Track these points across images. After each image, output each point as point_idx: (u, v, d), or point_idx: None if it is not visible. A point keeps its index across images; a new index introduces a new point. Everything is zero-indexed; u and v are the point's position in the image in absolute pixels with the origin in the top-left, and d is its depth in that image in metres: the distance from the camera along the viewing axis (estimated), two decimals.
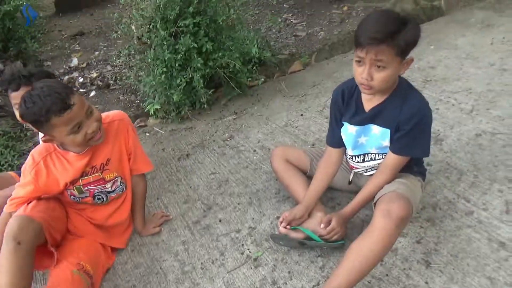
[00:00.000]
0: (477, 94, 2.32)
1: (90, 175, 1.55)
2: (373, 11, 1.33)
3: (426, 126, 1.40)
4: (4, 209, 1.49)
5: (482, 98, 2.28)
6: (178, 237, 1.72)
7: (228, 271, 1.51)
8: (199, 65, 2.43)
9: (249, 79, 2.71)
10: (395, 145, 1.42)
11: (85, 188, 1.56)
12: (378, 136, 1.45)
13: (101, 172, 1.57)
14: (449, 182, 1.75)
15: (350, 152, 1.57)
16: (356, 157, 1.57)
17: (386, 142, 1.45)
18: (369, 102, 1.45)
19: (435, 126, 2.11)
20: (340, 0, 4.37)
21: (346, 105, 1.51)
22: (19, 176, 1.73)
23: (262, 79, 2.81)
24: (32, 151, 1.52)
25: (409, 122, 1.36)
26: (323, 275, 1.43)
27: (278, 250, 1.57)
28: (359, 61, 1.30)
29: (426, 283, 1.34)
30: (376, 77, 1.28)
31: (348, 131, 1.52)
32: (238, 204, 1.85)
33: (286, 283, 1.43)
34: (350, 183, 1.68)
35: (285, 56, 3.25)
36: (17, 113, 1.66)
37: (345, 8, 4.16)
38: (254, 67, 2.70)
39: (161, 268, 1.58)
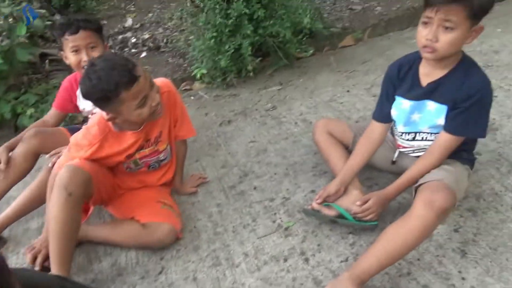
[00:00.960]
0: None
1: (145, 149, 1.58)
2: None
3: (486, 106, 1.32)
4: (53, 169, 1.53)
5: None
6: (213, 200, 1.77)
7: (258, 237, 1.55)
8: (248, 32, 2.41)
9: (298, 50, 2.66)
10: (450, 124, 1.34)
11: (141, 161, 1.60)
12: (433, 113, 1.38)
13: (156, 144, 1.60)
14: (498, 174, 1.65)
15: (401, 128, 1.51)
16: (407, 134, 1.50)
17: (441, 121, 1.37)
18: (426, 77, 1.37)
19: (491, 114, 1.92)
20: None
21: (401, 79, 1.45)
22: (71, 133, 1.83)
23: (311, 51, 2.75)
24: (86, 130, 1.50)
25: (468, 99, 1.28)
26: (352, 252, 1.43)
27: (309, 222, 1.57)
28: (425, 23, 1.24)
29: (460, 272, 1.30)
30: (442, 38, 1.22)
31: (402, 106, 1.45)
32: (275, 174, 1.86)
33: (314, 255, 1.44)
34: (393, 163, 1.62)
35: (337, 30, 3.14)
36: (71, 58, 1.71)
37: None
38: (304, 38, 2.64)
39: (194, 227, 1.64)
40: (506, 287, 1.24)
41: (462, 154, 1.44)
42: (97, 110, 1.52)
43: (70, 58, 1.72)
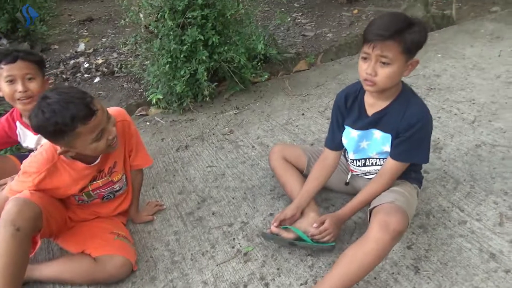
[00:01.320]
0: (480, 105, 2.31)
1: (98, 180, 1.52)
2: (383, 14, 1.34)
3: (427, 134, 1.40)
4: (3, 192, 1.45)
5: (485, 109, 2.27)
6: (171, 227, 1.72)
7: (217, 264, 1.52)
8: (204, 57, 2.43)
9: (253, 75, 2.71)
10: (395, 151, 1.42)
11: (94, 192, 1.54)
12: (379, 141, 1.45)
13: (110, 175, 1.54)
14: (444, 191, 1.74)
15: (351, 156, 1.57)
16: (357, 161, 1.57)
17: (387, 147, 1.45)
18: (372, 107, 1.45)
19: (436, 134, 2.10)
20: (351, 2, 4.35)
21: (349, 109, 1.51)
22: (19, 160, 1.73)
23: (266, 76, 2.81)
24: (34, 158, 1.42)
25: (410, 129, 1.36)
26: (312, 274, 1.43)
27: (268, 246, 1.57)
28: (365, 58, 1.31)
29: None
30: (380, 72, 1.29)
31: (350, 135, 1.52)
32: (233, 198, 1.85)
33: (274, 279, 1.43)
34: (347, 184, 1.68)
35: (291, 55, 3.24)
36: (5, 89, 1.60)
37: (356, 11, 4.15)
38: (259, 64, 2.70)
39: (151, 257, 1.59)
40: None
41: (411, 174, 1.51)
42: (42, 144, 1.46)
43: (4, 89, 1.60)
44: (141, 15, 2.64)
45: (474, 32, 3.33)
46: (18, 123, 1.76)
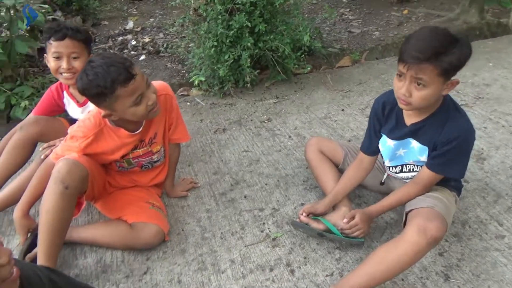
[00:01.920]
0: None
1: (139, 149, 1.58)
2: (423, 27, 1.29)
3: (465, 150, 1.36)
4: (49, 156, 1.52)
5: None
6: (203, 205, 1.77)
7: (246, 245, 1.55)
8: (249, 44, 2.45)
9: (296, 66, 2.70)
10: (431, 162, 1.39)
11: (134, 161, 1.60)
12: (416, 151, 1.43)
13: (149, 146, 1.60)
14: (484, 202, 1.69)
15: (387, 163, 1.55)
16: (394, 167, 1.54)
17: (424, 158, 1.42)
18: (410, 117, 1.41)
19: (480, 144, 2.04)
20: (401, 2, 4.24)
21: (386, 117, 1.49)
22: (68, 123, 1.82)
23: (309, 68, 2.79)
24: (82, 123, 1.49)
25: (447, 144, 1.32)
26: (338, 267, 1.44)
27: (297, 235, 1.58)
28: (400, 75, 1.27)
29: None
30: (415, 94, 1.25)
31: (387, 143, 1.50)
32: (266, 184, 1.87)
33: (300, 267, 1.44)
34: (382, 183, 1.66)
35: (335, 50, 3.20)
36: (51, 63, 1.68)
37: (406, 11, 4.04)
38: (303, 55, 2.69)
39: (182, 230, 1.63)
40: None
41: (451, 181, 1.48)
42: (90, 111, 1.53)
43: (51, 63, 1.69)
44: None
45: None
46: (65, 93, 1.85)
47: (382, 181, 1.66)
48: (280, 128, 2.31)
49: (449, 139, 1.31)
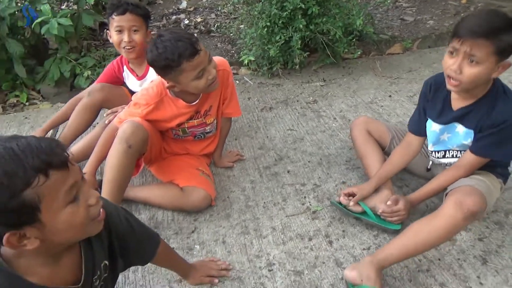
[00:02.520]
0: None
1: (194, 120, 1.69)
2: (481, 9, 1.28)
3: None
4: (113, 122, 1.64)
5: None
6: (248, 176, 1.86)
7: (287, 215, 1.63)
8: (301, 26, 2.49)
9: (346, 50, 2.71)
10: (476, 145, 1.38)
11: (189, 130, 1.72)
12: (461, 135, 1.43)
13: (204, 117, 1.71)
14: None
15: (431, 147, 1.55)
16: (437, 152, 1.55)
17: (468, 142, 1.42)
18: (458, 101, 1.41)
19: None
20: None
21: (432, 100, 1.48)
22: (130, 92, 1.97)
23: (359, 53, 2.79)
24: (145, 91, 1.61)
25: (494, 127, 1.32)
26: (375, 242, 1.49)
27: (336, 210, 1.64)
28: (452, 52, 1.26)
29: (478, 277, 1.34)
30: (466, 71, 1.24)
31: (432, 128, 1.50)
32: (309, 162, 1.93)
33: (338, 239, 1.51)
34: (428, 170, 1.66)
35: (386, 37, 3.16)
36: (114, 37, 1.81)
37: (464, 1, 3.88)
38: (353, 40, 2.69)
39: (228, 197, 1.74)
40: None
41: (497, 169, 1.47)
42: (153, 80, 1.66)
43: (113, 36, 1.83)
44: None
45: None
46: (125, 67, 2.00)
47: (428, 167, 1.65)
48: (325, 110, 2.35)
49: (496, 123, 1.31)
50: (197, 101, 1.63)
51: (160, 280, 1.39)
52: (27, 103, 2.68)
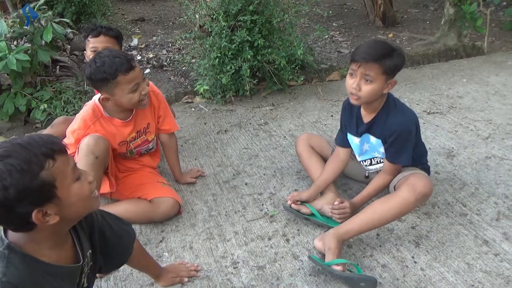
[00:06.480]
0: (496, 125, 2.52)
1: (138, 139, 1.85)
2: (370, 39, 1.65)
3: (406, 139, 1.65)
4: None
5: (500, 129, 2.47)
6: (209, 190, 2.02)
7: (247, 220, 1.79)
8: (249, 56, 2.76)
9: (290, 77, 3.01)
10: (387, 154, 1.71)
11: (135, 149, 1.87)
12: (375, 144, 1.73)
13: (145, 134, 1.87)
14: (451, 189, 1.97)
15: (358, 158, 1.84)
16: (364, 161, 1.84)
17: (382, 150, 1.72)
18: (366, 116, 1.72)
19: (450, 144, 2.33)
20: (387, 27, 4.62)
21: (349, 117, 1.78)
22: None
23: (302, 78, 3.09)
24: (81, 115, 1.71)
25: (391, 136, 1.64)
26: None
27: (291, 213, 1.83)
28: (351, 74, 1.57)
29: (412, 257, 1.58)
30: (363, 88, 1.54)
31: (353, 141, 1.80)
32: (264, 174, 2.13)
33: (294, 237, 1.69)
34: (367, 177, 1.92)
35: (326, 66, 3.53)
36: (90, 57, 1.92)
37: (391, 35, 4.40)
38: (296, 67, 3.00)
39: (192, 209, 1.88)
40: (448, 270, 1.52)
41: (418, 164, 1.78)
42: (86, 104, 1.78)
43: (90, 56, 1.98)
44: (197, 16, 3.00)
45: (501, 63, 3.53)
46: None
47: (366, 174, 1.92)
48: (276, 130, 2.59)
49: (390, 132, 1.63)
50: (130, 118, 1.77)
51: (133, 286, 1.48)
52: None
